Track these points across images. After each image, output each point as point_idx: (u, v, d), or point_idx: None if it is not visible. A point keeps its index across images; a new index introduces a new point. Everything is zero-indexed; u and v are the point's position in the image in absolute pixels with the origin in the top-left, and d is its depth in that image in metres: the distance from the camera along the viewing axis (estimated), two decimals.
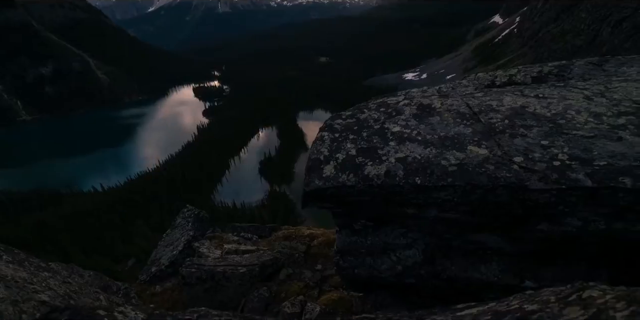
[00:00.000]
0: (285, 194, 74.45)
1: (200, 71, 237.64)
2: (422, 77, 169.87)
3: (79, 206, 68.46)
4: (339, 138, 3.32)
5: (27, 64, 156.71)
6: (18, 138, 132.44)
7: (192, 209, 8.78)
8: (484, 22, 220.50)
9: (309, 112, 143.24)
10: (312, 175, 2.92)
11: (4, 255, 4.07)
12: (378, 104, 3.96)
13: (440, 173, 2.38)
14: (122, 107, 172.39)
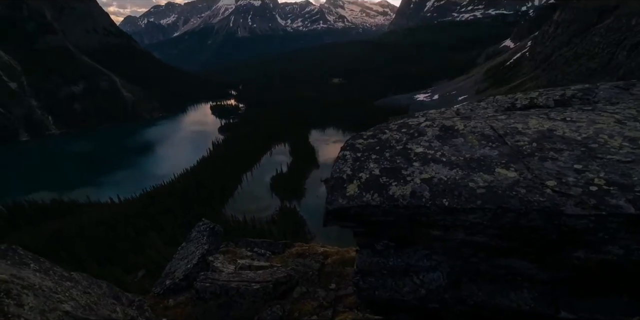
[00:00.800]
0: (295, 210, 74.21)
1: (218, 90, 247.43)
2: (433, 98, 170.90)
3: (96, 216, 70.02)
4: (361, 157, 3.34)
5: (61, 83, 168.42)
6: (45, 150, 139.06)
7: (207, 222, 8.79)
8: (495, 46, 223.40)
9: (320, 130, 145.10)
10: (335, 194, 2.92)
11: (32, 263, 4.15)
12: (399, 124, 3.99)
13: (468, 195, 2.35)
14: (143, 123, 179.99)
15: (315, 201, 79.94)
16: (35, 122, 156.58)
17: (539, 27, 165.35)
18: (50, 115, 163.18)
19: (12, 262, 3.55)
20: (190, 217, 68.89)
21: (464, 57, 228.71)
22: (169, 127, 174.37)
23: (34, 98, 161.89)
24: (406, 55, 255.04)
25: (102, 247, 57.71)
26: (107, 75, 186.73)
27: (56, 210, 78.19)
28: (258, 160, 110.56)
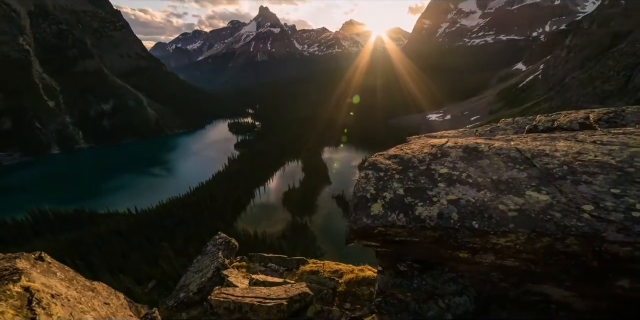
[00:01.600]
0: (306, 226, 73.15)
1: (235, 109, 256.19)
2: (446, 118, 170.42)
3: (113, 226, 70.93)
4: (384, 177, 3.31)
5: (93, 101, 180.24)
6: (72, 162, 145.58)
7: (223, 236, 8.76)
8: (507, 68, 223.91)
9: (333, 148, 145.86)
10: (359, 213, 2.88)
11: (58, 272, 4.21)
12: (421, 145, 3.98)
13: (499, 218, 2.27)
14: (165, 138, 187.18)
15: (326, 217, 78.90)
16: (66, 137, 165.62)
17: (551, 52, 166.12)
18: (81, 131, 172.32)
19: (41, 270, 3.61)
20: (202, 230, 68.96)
21: (476, 79, 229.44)
22: (188, 143, 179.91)
23: (68, 115, 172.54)
24: (419, 77, 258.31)
25: (116, 257, 58.22)
26: (135, 94, 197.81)
27: (77, 219, 79.99)
28: (271, 176, 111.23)
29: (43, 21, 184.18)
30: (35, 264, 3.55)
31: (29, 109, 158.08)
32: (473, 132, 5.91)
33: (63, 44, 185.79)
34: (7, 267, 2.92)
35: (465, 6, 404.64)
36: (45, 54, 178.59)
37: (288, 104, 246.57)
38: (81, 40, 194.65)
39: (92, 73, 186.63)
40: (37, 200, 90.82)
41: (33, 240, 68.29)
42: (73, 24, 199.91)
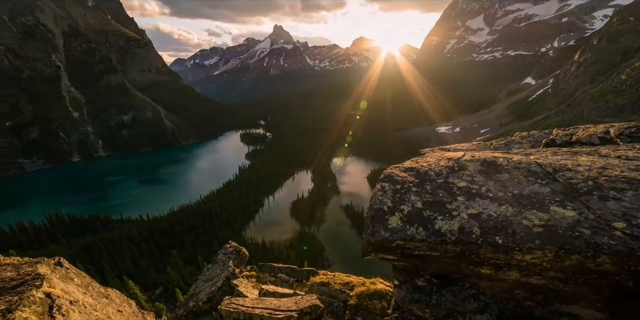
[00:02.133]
0: (314, 236, 72.04)
1: (248, 121, 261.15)
2: (455, 131, 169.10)
3: (125, 232, 71.21)
4: (401, 190, 3.25)
5: (114, 112, 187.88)
6: (91, 170, 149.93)
7: (234, 245, 8.68)
8: (516, 83, 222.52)
9: (343, 158, 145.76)
10: (376, 226, 2.82)
11: (75, 278, 4.21)
12: (437, 158, 3.92)
13: (524, 234, 2.18)
14: (179, 148, 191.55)
15: (334, 228, 77.79)
16: (87, 146, 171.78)
17: (560, 67, 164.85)
18: (101, 140, 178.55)
19: (60, 275, 3.63)
20: (211, 237, 68.80)
21: (484, 93, 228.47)
22: (200, 152, 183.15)
23: (90, 125, 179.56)
24: (428, 90, 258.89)
25: (126, 263, 58.15)
26: (153, 106, 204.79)
27: (91, 224, 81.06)
28: (280, 185, 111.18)
29: (75, 40, 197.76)
30: (54, 270, 3.56)
31: (55, 120, 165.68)
32: (488, 146, 5.81)
33: (91, 60, 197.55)
34: (29, 272, 2.94)
35: (473, 24, 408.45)
36: (73, 69, 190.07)
37: (299, 116, 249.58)
38: (107, 57, 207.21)
39: (115, 87, 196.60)
40: (55, 206, 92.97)
41: (49, 244, 69.32)
42: (101, 42, 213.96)
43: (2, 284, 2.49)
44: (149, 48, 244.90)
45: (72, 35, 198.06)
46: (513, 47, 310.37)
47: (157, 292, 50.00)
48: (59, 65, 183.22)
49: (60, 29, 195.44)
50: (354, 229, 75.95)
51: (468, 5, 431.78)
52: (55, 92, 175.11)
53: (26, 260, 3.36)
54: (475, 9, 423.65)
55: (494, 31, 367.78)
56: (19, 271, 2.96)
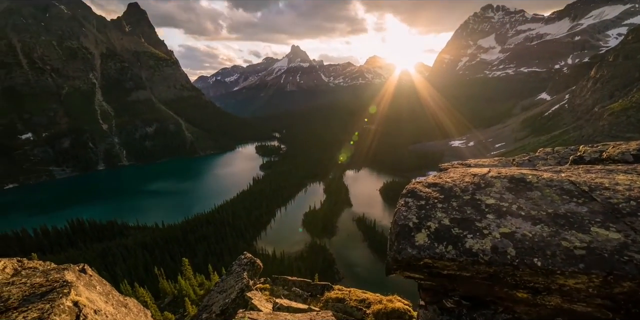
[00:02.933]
0: (324, 248, 70.12)
1: (263, 133, 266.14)
2: (469, 145, 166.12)
3: (140, 239, 71.72)
4: (425, 206, 3.13)
5: (139, 125, 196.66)
6: (114, 178, 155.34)
7: (249, 256, 8.55)
8: (531, 98, 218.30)
9: (355, 171, 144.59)
10: (402, 242, 2.69)
11: (97, 285, 4.23)
12: (461, 173, 3.78)
13: (565, 256, 2.01)
14: (197, 159, 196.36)
15: (346, 240, 76.04)
16: (112, 155, 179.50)
17: (575, 83, 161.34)
18: (125, 150, 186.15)
19: (84, 283, 3.64)
20: (222, 246, 68.43)
21: (498, 108, 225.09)
22: (217, 163, 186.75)
23: (117, 136, 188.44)
24: (441, 105, 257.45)
25: (139, 270, 57.98)
26: (176, 119, 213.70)
27: (109, 230, 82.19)
28: (293, 197, 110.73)
29: (111, 60, 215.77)
30: (79, 277, 3.59)
31: (86, 131, 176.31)
32: (510, 161, 5.59)
33: (123, 78, 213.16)
34: (57, 278, 2.96)
35: (484, 43, 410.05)
36: (107, 86, 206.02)
37: (313, 129, 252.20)
38: (138, 75, 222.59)
39: (142, 101, 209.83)
40: (77, 211, 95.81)
41: (68, 248, 70.72)
42: (133, 62, 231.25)
43: (32, 290, 2.52)
44: (176, 67, 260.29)
45: (109, 56, 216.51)
46: (526, 64, 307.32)
47: (166, 301, 49.44)
48: (94, 82, 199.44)
49: (99, 51, 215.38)
50: (366, 242, 73.97)
51: (479, 25, 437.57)
52: (89, 106, 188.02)
53: (55, 267, 3.40)
54: (486, 29, 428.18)
55: (506, 49, 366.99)
56: (48, 277, 2.99)
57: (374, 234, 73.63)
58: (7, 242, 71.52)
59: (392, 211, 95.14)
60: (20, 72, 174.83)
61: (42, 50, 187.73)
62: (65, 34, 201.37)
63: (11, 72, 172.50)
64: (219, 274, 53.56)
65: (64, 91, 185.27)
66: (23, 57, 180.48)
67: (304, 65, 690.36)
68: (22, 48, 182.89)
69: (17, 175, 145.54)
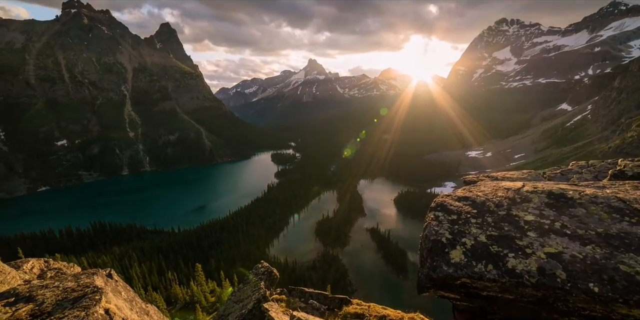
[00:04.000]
0: (337, 258, 68.32)
1: (279, 142, 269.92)
2: (487, 155, 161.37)
3: (157, 243, 72.61)
4: (458, 220, 2.96)
5: (163, 133, 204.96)
6: (137, 182, 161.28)
7: (266, 266, 8.39)
8: (550, 109, 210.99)
9: (369, 180, 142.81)
10: (436, 259, 2.53)
11: (123, 291, 4.24)
12: (492, 187, 3.58)
13: (626, 282, 1.81)
14: (215, 166, 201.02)
15: (359, 251, 74.22)
16: (136, 161, 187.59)
17: (597, 93, 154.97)
18: (148, 157, 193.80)
19: (111, 288, 3.66)
20: (235, 253, 68.14)
21: (516, 119, 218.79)
22: (233, 170, 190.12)
23: (142, 144, 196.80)
24: (457, 115, 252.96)
25: (153, 274, 58.10)
26: (197, 128, 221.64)
27: (128, 234, 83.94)
28: (307, 205, 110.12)
29: (141, 74, 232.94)
30: (107, 282, 3.61)
31: (114, 138, 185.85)
32: (540, 175, 5.28)
33: (151, 90, 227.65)
34: (87, 283, 2.97)
35: (500, 55, 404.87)
36: (136, 97, 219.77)
37: (328, 138, 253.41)
38: (165, 87, 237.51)
39: (167, 111, 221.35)
40: (101, 214, 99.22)
41: (88, 250, 72.29)
42: (162, 75, 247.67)
43: (65, 295, 2.54)
44: (200, 79, 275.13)
45: (140, 71, 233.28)
46: (544, 75, 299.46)
47: (177, 307, 49.23)
48: (125, 94, 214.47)
49: (132, 65, 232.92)
50: (380, 253, 71.86)
51: (493, 38, 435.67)
52: (119, 115, 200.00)
53: (84, 271, 3.45)
54: (501, 42, 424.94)
55: (522, 61, 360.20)
56: (79, 282, 3.02)
57: (388, 245, 71.51)
58: (35, 242, 74.49)
59: (407, 222, 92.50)
60: (62, 85, 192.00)
61: (82, 66, 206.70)
62: (104, 51, 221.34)
63: (54, 85, 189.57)
64: (231, 282, 53.26)
65: (98, 102, 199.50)
66: (66, 72, 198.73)
67: (320, 78, 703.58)
68: (65, 64, 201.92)
69: (50, 179, 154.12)
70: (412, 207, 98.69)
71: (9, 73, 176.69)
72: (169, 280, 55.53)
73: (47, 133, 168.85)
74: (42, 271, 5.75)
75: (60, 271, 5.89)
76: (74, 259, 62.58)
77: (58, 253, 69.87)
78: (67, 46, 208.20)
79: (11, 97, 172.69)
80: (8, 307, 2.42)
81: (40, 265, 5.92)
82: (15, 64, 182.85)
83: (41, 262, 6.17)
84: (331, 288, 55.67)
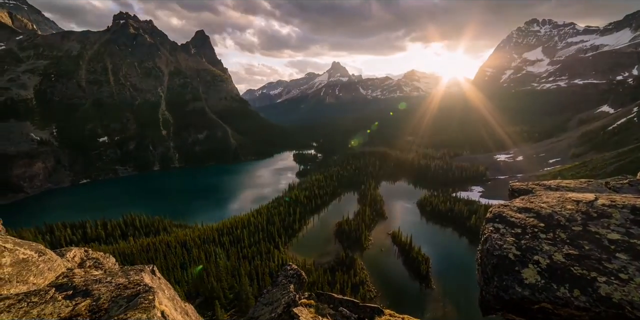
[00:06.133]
0: (357, 262, 65.65)
1: (301, 142, 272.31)
2: (517, 159, 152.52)
3: (180, 237, 74.52)
4: (524, 234, 2.66)
5: (192, 131, 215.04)
6: (167, 178, 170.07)
7: (294, 268, 8.30)
8: (589, 111, 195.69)
9: (391, 182, 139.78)
10: (506, 278, 2.26)
11: (165, 289, 4.30)
12: (557, 199, 3.21)
13: None
14: (239, 164, 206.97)
15: (379, 255, 72.50)
16: (167, 158, 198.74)
17: None
18: (178, 154, 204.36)
19: (157, 286, 3.71)
20: (254, 250, 68.83)
21: (549, 122, 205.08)
22: (257, 169, 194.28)
23: (172, 141, 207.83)
24: (484, 118, 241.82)
25: (176, 268, 59.42)
26: (224, 127, 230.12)
27: (156, 227, 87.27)
28: (326, 205, 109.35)
29: (176, 77, 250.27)
30: (152, 279, 3.66)
31: (148, 136, 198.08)
32: (602, 184, 4.73)
33: (184, 91, 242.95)
34: (137, 281, 3.01)
35: (531, 55, 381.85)
36: (170, 98, 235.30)
37: (350, 139, 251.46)
38: (196, 88, 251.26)
39: (197, 111, 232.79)
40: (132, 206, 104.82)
41: (119, 240, 76.14)
42: (194, 78, 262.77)
43: (118, 292, 2.58)
44: (229, 81, 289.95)
45: (175, 74, 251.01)
46: (580, 76, 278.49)
47: (197, 302, 49.95)
48: (161, 95, 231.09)
49: (168, 69, 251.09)
50: (401, 258, 69.76)
51: (523, 39, 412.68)
52: (154, 115, 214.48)
53: (133, 268, 3.54)
54: (532, 42, 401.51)
55: (556, 62, 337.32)
56: (129, 278, 3.08)
57: (410, 250, 69.18)
58: (74, 231, 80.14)
59: (430, 226, 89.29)
60: (108, 87, 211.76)
61: (126, 70, 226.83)
62: (145, 56, 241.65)
63: (101, 87, 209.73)
64: (250, 278, 53.92)
65: (136, 102, 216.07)
66: (112, 76, 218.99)
67: (343, 80, 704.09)
68: (112, 69, 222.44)
69: (90, 172, 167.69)
70: (436, 211, 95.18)
71: (66, 77, 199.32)
72: (190, 274, 57.17)
73: (92, 130, 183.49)
74: (82, 260, 6.03)
75: (97, 261, 6.15)
76: (105, 248, 66.76)
77: (92, 242, 75.20)
78: (114, 53, 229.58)
79: (65, 98, 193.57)
80: (68, 300, 2.48)
81: (81, 254, 6.22)
82: (71, 69, 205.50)
83: (82, 251, 6.48)
84: (351, 292, 54.88)
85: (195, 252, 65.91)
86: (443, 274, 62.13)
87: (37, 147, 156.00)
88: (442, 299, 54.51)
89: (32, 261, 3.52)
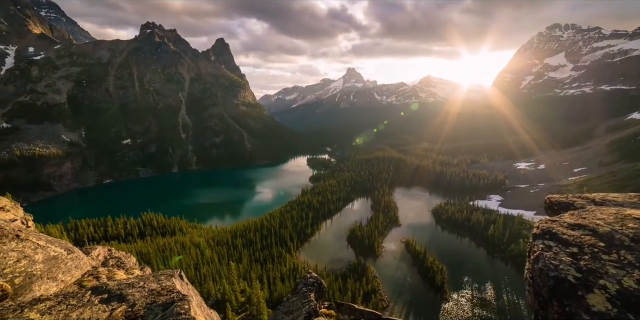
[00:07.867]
0: (369, 269, 64.27)
1: (315, 147, 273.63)
2: (539, 168, 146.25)
3: (195, 238, 75.59)
4: (582, 254, 2.42)
5: (210, 135, 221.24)
6: (185, 179, 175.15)
7: (315, 276, 8.14)
8: (618, 118, 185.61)
9: (405, 189, 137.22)
10: (568, 304, 2.04)
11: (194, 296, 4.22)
12: (614, 215, 2.94)
13: None
14: (253, 167, 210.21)
15: (392, 263, 70.80)
16: (185, 160, 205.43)
17: None
18: (195, 156, 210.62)
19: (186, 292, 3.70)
20: (266, 254, 68.69)
21: (573, 129, 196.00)
22: (270, 173, 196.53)
23: (191, 144, 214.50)
24: (503, 124, 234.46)
25: (189, 268, 59.56)
26: (240, 131, 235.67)
27: (172, 227, 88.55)
28: (339, 210, 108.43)
29: (196, 82, 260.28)
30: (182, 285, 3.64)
31: (168, 139, 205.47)
32: None
33: (203, 96, 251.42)
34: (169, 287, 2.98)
35: (553, 61, 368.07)
36: (190, 102, 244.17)
37: (364, 145, 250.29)
38: (215, 94, 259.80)
39: (215, 115, 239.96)
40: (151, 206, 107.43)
41: (137, 240, 77.89)
42: (213, 84, 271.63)
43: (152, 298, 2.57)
44: (246, 87, 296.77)
45: (195, 80, 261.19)
46: (607, 82, 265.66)
47: (209, 304, 50.27)
48: (181, 100, 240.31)
49: (189, 75, 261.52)
50: (415, 267, 67.81)
51: (545, 44, 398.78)
52: (174, 119, 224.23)
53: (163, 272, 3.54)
54: (553, 48, 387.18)
55: (580, 67, 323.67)
56: (161, 284, 3.07)
57: (425, 260, 67.16)
58: (96, 229, 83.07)
59: (445, 235, 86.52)
60: (132, 93, 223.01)
61: (150, 76, 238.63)
62: (168, 63, 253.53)
63: (127, 92, 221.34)
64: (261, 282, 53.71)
65: (158, 107, 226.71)
66: (137, 81, 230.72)
67: (358, 86, 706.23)
68: (137, 75, 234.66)
69: (113, 173, 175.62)
70: (452, 220, 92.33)
71: (96, 83, 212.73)
72: (204, 275, 57.30)
73: (116, 133, 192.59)
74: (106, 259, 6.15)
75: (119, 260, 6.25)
76: (124, 246, 68.55)
77: (113, 240, 77.60)
78: (140, 60, 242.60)
79: (94, 102, 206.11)
80: (104, 304, 2.47)
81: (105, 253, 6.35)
82: (101, 75, 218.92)
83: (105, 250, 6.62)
84: (362, 301, 53.63)
85: (208, 253, 66.56)
86: (459, 286, 59.76)
87: (67, 148, 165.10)
88: (457, 312, 52.36)
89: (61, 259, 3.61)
